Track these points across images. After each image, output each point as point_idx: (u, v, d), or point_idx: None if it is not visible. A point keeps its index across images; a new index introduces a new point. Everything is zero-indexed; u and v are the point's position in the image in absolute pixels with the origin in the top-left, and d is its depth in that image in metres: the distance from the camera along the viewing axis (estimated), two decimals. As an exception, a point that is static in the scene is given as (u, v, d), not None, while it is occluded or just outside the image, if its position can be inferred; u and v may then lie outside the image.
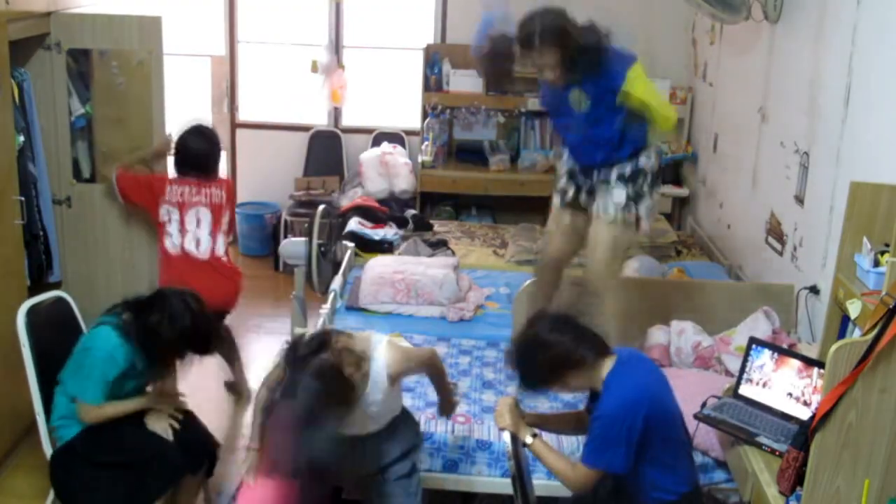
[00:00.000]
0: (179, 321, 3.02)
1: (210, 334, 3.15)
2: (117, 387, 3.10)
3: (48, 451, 3.20)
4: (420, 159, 6.30)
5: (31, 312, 3.28)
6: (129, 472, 3.08)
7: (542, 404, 3.52)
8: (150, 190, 4.18)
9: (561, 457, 2.68)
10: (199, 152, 4.18)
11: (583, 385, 2.65)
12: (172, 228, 4.12)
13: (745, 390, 3.02)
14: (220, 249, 4.19)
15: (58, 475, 3.14)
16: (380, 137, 6.66)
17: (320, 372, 2.47)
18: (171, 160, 4.29)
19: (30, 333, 3.23)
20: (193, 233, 4.13)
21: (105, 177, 4.61)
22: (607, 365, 2.58)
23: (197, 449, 3.25)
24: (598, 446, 2.52)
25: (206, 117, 4.79)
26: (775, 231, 4.26)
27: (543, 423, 2.91)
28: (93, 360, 3.05)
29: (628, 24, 6.28)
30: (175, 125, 4.35)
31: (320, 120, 6.80)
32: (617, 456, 2.49)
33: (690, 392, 3.13)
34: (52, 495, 3.21)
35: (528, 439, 2.66)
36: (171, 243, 4.12)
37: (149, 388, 3.31)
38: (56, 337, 3.29)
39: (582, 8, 6.42)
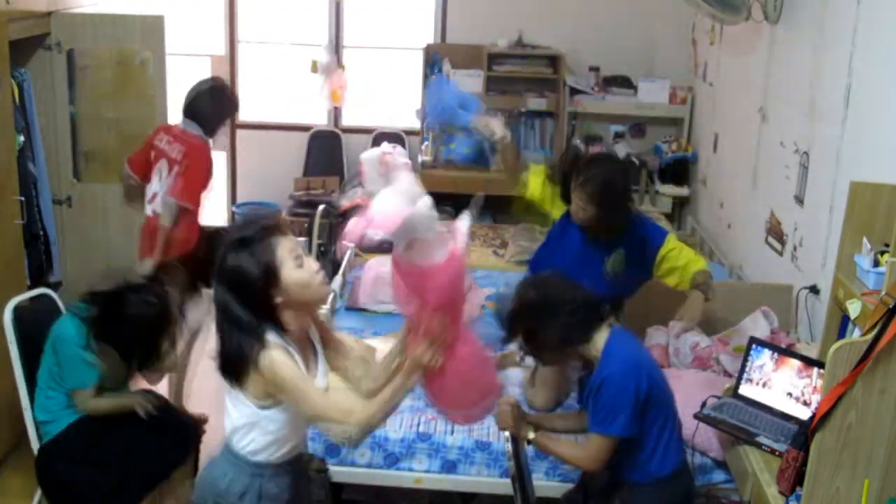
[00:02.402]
0: (141, 319, 3.04)
1: (169, 316, 3.14)
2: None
3: (36, 447, 3.21)
4: (420, 159, 6.30)
5: (18, 309, 3.29)
6: (115, 469, 3.08)
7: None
8: (151, 145, 4.12)
9: (567, 442, 2.68)
10: (192, 97, 4.08)
11: (580, 357, 2.66)
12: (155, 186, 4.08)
13: (744, 390, 3.02)
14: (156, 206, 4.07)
15: (44, 472, 3.14)
16: (380, 137, 6.66)
17: None
18: None
19: (16, 330, 3.23)
20: (152, 187, 4.08)
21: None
22: (604, 334, 2.59)
23: (180, 432, 3.27)
24: (607, 412, 2.50)
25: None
26: (775, 231, 4.25)
27: (543, 423, 2.91)
28: (74, 349, 3.05)
29: (629, 25, 6.34)
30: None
31: (320, 120, 6.80)
32: (626, 419, 2.48)
33: (690, 392, 3.13)
34: (38, 494, 3.22)
35: (531, 435, 2.66)
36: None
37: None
38: (42, 334, 3.30)
39: (585, 9, 6.46)
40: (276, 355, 2.12)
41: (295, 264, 2.15)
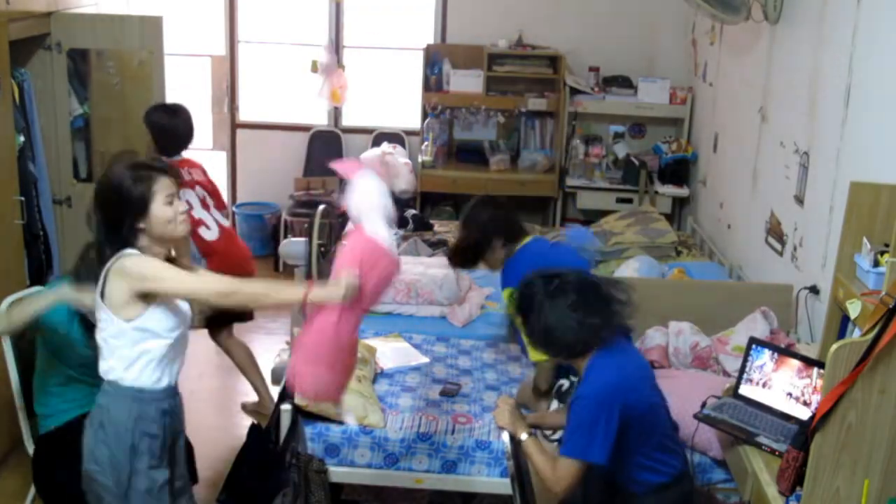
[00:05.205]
0: None
1: None
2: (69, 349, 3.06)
3: (29, 447, 3.21)
4: (420, 159, 6.31)
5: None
6: None
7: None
8: None
9: (548, 458, 2.62)
10: (175, 129, 4.02)
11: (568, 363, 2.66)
12: (199, 213, 4.04)
13: (744, 390, 3.02)
14: (225, 221, 4.23)
15: (39, 468, 3.12)
16: (380, 137, 6.66)
17: None
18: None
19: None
20: (202, 214, 4.07)
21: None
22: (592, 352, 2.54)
23: None
24: (576, 433, 2.45)
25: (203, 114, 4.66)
26: (775, 231, 4.26)
27: (542, 422, 2.91)
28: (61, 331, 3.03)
29: (629, 25, 6.34)
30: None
31: (320, 120, 6.80)
32: (595, 443, 2.41)
33: (689, 392, 3.13)
34: (31, 494, 3.21)
35: (524, 436, 2.64)
36: (206, 230, 4.07)
37: None
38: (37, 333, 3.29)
39: (585, 9, 6.46)
40: (138, 256, 2.41)
41: (165, 201, 2.43)
